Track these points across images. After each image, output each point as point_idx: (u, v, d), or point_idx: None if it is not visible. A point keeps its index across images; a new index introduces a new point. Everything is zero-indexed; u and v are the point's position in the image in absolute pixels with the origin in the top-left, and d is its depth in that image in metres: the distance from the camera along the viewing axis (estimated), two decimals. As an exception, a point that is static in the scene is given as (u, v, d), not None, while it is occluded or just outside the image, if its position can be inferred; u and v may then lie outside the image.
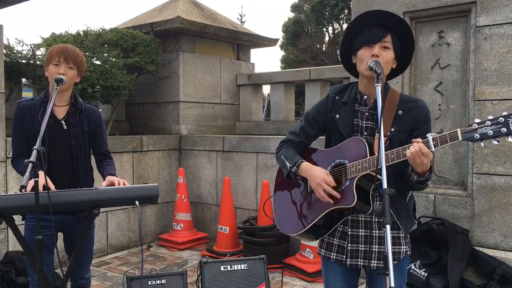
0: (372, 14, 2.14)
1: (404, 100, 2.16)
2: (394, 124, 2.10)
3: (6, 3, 4.67)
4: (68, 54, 2.69)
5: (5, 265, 4.20)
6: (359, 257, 2.17)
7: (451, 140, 1.84)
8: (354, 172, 2.05)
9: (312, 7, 25.04)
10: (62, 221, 2.79)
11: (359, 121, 2.18)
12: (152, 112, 6.91)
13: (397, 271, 2.16)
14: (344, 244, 2.20)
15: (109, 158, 2.94)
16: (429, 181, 2.07)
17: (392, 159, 1.96)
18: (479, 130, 1.80)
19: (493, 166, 3.95)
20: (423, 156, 1.87)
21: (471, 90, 4.08)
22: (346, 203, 2.05)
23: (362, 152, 2.04)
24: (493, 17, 3.94)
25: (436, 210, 4.23)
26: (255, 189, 5.75)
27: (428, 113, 2.15)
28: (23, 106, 2.76)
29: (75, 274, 2.93)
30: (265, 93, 12.42)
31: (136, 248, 5.85)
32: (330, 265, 2.26)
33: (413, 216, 2.24)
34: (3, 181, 4.55)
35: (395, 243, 2.16)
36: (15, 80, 5.59)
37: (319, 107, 2.30)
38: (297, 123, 2.46)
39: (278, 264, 4.85)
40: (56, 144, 2.75)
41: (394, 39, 2.09)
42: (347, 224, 2.19)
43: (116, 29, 6.18)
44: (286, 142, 2.37)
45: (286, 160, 2.24)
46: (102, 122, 2.96)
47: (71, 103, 2.81)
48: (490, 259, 3.87)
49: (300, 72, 6.79)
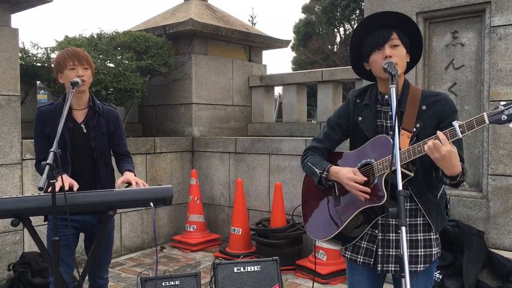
0: (371, 18, 2.15)
1: (426, 95, 2.14)
2: (419, 120, 2.08)
3: (21, 7, 4.73)
4: (80, 56, 2.76)
5: (21, 266, 4.25)
6: (390, 262, 2.13)
7: (478, 124, 1.80)
8: (382, 169, 2.03)
9: (323, 8, 24.97)
10: (84, 222, 2.86)
11: (382, 121, 2.17)
12: (164, 114, 6.95)
13: (426, 275, 2.14)
14: (373, 248, 2.16)
15: (128, 157, 2.99)
16: (464, 182, 2.02)
17: (414, 153, 1.93)
18: (505, 111, 1.77)
19: (508, 167, 3.91)
20: (437, 151, 1.82)
21: (486, 91, 4.04)
22: (377, 201, 2.03)
23: (388, 149, 2.01)
24: (508, 17, 3.90)
25: (450, 211, 4.19)
26: (267, 190, 5.75)
27: (452, 105, 2.13)
28: (44, 111, 2.82)
29: (94, 274, 2.97)
30: (276, 94, 12.42)
31: (150, 249, 5.88)
32: (356, 267, 2.24)
33: (445, 213, 2.20)
34: (19, 182, 4.60)
35: (426, 246, 2.12)
36: (30, 83, 5.66)
37: (340, 112, 2.30)
38: (309, 125, 2.45)
39: (291, 266, 4.85)
40: (77, 148, 2.81)
41: (400, 35, 2.09)
42: (377, 228, 2.15)
43: (129, 32, 6.23)
44: (310, 149, 2.35)
45: (314, 167, 2.22)
46: (121, 123, 3.00)
47: (89, 106, 2.86)
48: (506, 261, 3.82)
49: (312, 74, 6.78)
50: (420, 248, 2.11)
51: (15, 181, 4.56)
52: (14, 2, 4.56)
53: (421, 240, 2.12)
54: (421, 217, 2.11)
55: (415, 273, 2.10)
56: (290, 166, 5.49)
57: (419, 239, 2.11)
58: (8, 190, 4.48)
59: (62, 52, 2.81)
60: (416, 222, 2.12)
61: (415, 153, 1.93)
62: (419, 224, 2.12)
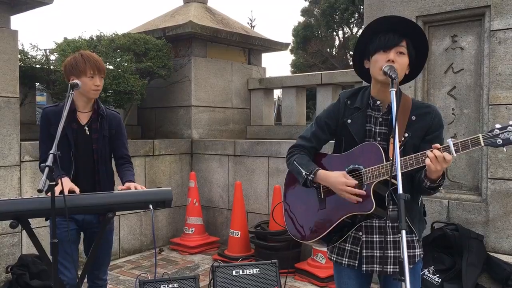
0: (388, 19, 2.14)
1: (417, 105, 2.15)
2: (408, 130, 2.09)
3: (20, 9, 4.73)
4: (100, 66, 2.83)
5: (19, 268, 4.23)
6: (374, 263, 2.16)
7: (473, 145, 1.82)
8: (371, 178, 2.03)
9: (323, 11, 24.99)
10: (84, 221, 2.89)
11: (372, 126, 2.16)
12: (164, 116, 6.94)
13: (412, 275, 2.14)
14: (356, 250, 2.19)
15: (128, 163, 3.02)
16: (442, 187, 2.05)
17: (411, 164, 1.94)
18: (501, 135, 1.79)
19: (507, 171, 3.91)
20: (444, 162, 1.85)
21: (485, 95, 4.04)
22: (364, 209, 2.04)
23: (378, 157, 2.03)
24: (507, 21, 3.90)
25: (450, 215, 4.19)
26: (266, 193, 5.74)
27: (440, 119, 2.15)
28: (49, 111, 2.86)
29: (93, 274, 2.98)
30: (275, 97, 12.41)
31: (148, 252, 5.87)
32: (343, 270, 2.26)
33: (424, 220, 2.24)
34: (18, 184, 4.59)
35: (410, 247, 2.15)
36: (29, 85, 5.65)
37: (330, 112, 2.28)
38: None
39: (290, 269, 4.84)
40: (79, 149, 2.86)
41: (409, 45, 2.08)
42: (361, 230, 2.17)
43: (129, 34, 6.23)
44: (297, 147, 2.33)
45: (301, 167, 2.20)
46: (123, 127, 3.04)
47: (93, 109, 2.91)
48: (505, 265, 3.82)
49: (311, 77, 6.79)
50: None
51: (13, 183, 4.55)
52: (14, 3, 4.56)
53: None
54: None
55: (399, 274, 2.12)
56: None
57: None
58: (6, 192, 4.47)
59: (81, 57, 2.80)
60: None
61: (412, 165, 1.94)
62: None
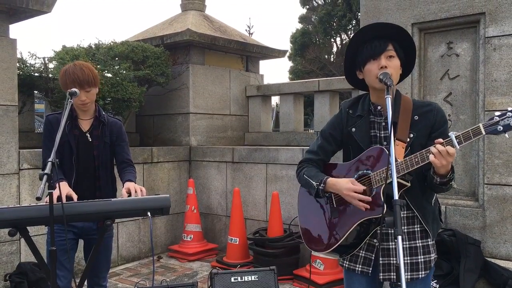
0: (369, 28, 2.17)
1: (418, 105, 2.18)
2: (412, 130, 2.11)
3: (19, 17, 4.76)
4: (81, 81, 2.74)
5: (17, 276, 4.23)
6: (392, 271, 2.13)
7: (474, 135, 1.84)
8: (379, 181, 2.04)
9: (320, 18, 25.13)
10: (83, 228, 2.91)
11: (376, 131, 2.19)
12: (162, 123, 6.96)
13: (422, 282, 2.16)
14: (371, 257, 2.18)
15: (130, 166, 3.04)
16: (453, 181, 2.05)
17: (416, 162, 1.95)
18: (501, 122, 1.80)
19: (504, 176, 3.93)
20: (448, 156, 1.86)
21: (481, 101, 4.07)
22: (376, 213, 2.05)
23: (384, 160, 2.04)
24: (502, 27, 3.94)
25: (447, 221, 4.20)
26: (264, 200, 5.75)
27: (443, 115, 2.17)
28: (52, 118, 2.89)
29: (92, 281, 2.99)
30: (273, 103, 12.45)
31: (147, 259, 5.86)
32: (354, 276, 2.25)
33: (439, 219, 2.24)
34: (16, 192, 4.60)
35: (425, 252, 2.15)
36: (27, 93, 5.67)
37: (333, 123, 2.32)
38: (306, 134, 2.47)
39: (289, 275, 4.84)
40: (81, 155, 2.89)
41: (396, 47, 2.12)
42: (376, 237, 2.17)
43: (127, 42, 6.26)
44: (305, 161, 2.36)
45: (311, 179, 2.23)
46: (124, 133, 3.07)
47: (95, 116, 2.95)
48: (503, 270, 3.83)
49: (309, 83, 6.82)
50: (420, 255, 2.14)
51: (12, 190, 4.56)
52: (12, 12, 4.59)
53: (420, 247, 2.15)
54: (418, 224, 2.15)
55: (416, 281, 2.13)
56: (287, 175, 5.50)
57: (418, 245, 2.15)
58: (5, 200, 4.47)
59: (64, 72, 2.79)
60: (414, 230, 2.15)
61: (418, 162, 1.95)
62: (417, 231, 2.15)
